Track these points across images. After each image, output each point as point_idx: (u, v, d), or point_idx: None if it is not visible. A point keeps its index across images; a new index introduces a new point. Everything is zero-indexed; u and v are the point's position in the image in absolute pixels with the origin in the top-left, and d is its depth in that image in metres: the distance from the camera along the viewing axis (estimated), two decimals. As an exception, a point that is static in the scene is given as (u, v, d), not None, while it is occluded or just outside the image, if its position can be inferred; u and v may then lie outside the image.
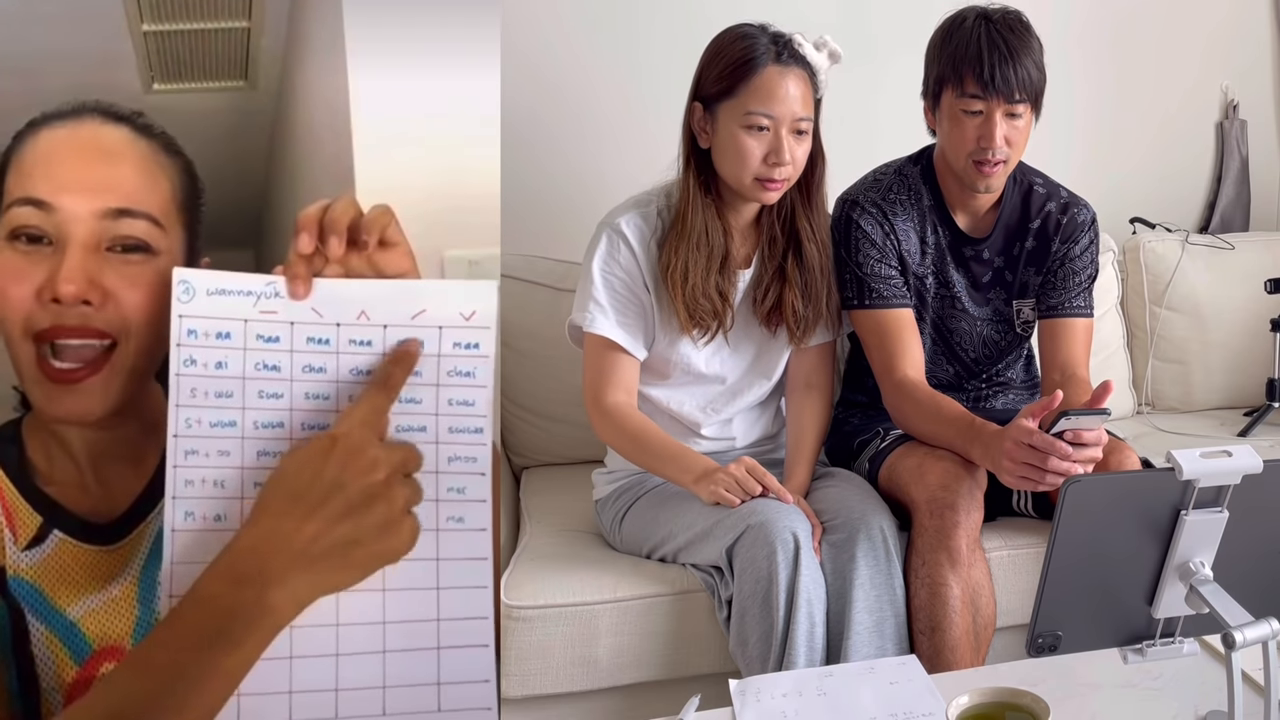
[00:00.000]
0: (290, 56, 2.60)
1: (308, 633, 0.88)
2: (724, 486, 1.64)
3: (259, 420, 0.90)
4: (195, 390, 0.89)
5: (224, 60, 2.72)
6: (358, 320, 0.91)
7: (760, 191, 1.69)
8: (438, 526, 0.91)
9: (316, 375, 0.91)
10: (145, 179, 0.99)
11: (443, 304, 0.92)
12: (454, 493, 0.92)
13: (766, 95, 1.66)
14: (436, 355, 0.92)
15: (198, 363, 0.89)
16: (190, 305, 0.90)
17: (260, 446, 0.90)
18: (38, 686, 0.96)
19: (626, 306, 1.75)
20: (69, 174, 0.96)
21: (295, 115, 2.64)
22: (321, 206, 0.89)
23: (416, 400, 0.92)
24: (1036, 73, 1.72)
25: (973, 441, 1.64)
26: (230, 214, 3.16)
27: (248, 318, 0.90)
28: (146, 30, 2.53)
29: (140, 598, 1.00)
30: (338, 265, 0.91)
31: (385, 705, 0.90)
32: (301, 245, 0.88)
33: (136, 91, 2.77)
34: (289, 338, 0.91)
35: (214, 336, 0.90)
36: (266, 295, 0.90)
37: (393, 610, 0.90)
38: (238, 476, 0.90)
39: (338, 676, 0.89)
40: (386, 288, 0.92)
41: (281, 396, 0.90)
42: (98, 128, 1.00)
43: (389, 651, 0.90)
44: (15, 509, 1.00)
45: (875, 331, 1.83)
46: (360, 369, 0.91)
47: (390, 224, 0.92)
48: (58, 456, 1.02)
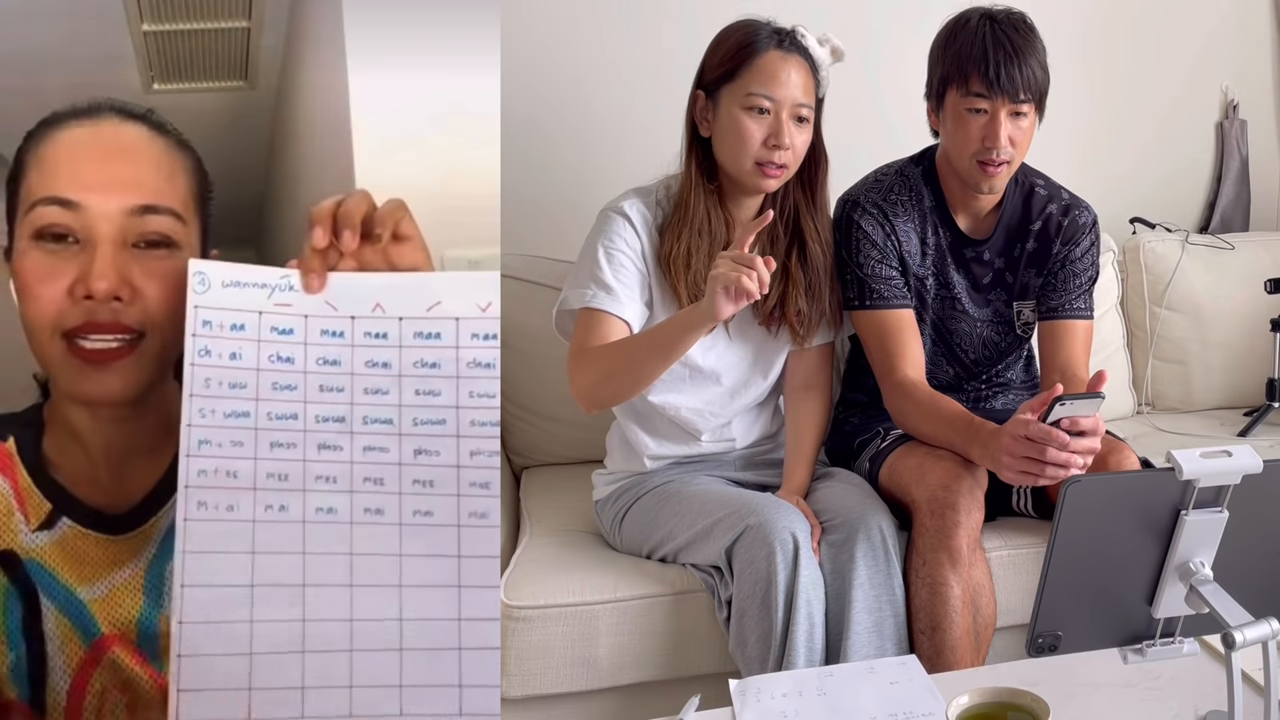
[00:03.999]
0: (290, 56, 2.60)
1: (322, 627, 0.88)
2: (722, 282, 1.47)
3: (273, 411, 0.91)
4: (210, 380, 0.90)
5: (224, 60, 2.73)
6: (372, 313, 0.92)
7: (759, 178, 1.69)
8: (459, 522, 0.91)
9: (331, 368, 0.92)
10: (165, 175, 1.01)
11: (457, 295, 0.92)
12: (477, 488, 0.92)
13: (768, 77, 1.66)
14: (455, 347, 0.92)
15: (212, 353, 0.90)
16: (205, 296, 0.91)
17: (273, 438, 0.91)
18: (45, 667, 0.97)
19: (629, 279, 1.71)
20: (94, 173, 0.97)
21: (295, 115, 2.64)
22: (336, 201, 0.91)
23: (436, 393, 0.92)
24: (1041, 73, 1.72)
25: (972, 440, 1.64)
26: (230, 213, 3.16)
27: (262, 310, 0.91)
28: (146, 30, 2.53)
29: (146, 588, 1.01)
30: (352, 259, 0.92)
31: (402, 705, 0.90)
32: (316, 239, 0.90)
33: (137, 91, 2.77)
34: (303, 330, 0.91)
35: (229, 328, 0.91)
36: (281, 288, 0.91)
37: (410, 608, 0.90)
38: (251, 467, 0.90)
39: (352, 673, 0.89)
40: (401, 280, 0.92)
41: (295, 388, 0.91)
42: (117, 126, 1.01)
43: (406, 649, 0.90)
44: (28, 493, 1.01)
45: (875, 332, 1.83)
46: (375, 361, 0.92)
47: (404, 218, 0.93)
48: (69, 448, 1.04)
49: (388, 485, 0.92)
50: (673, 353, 1.59)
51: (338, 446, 0.92)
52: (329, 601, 0.86)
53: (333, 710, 0.88)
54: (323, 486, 0.91)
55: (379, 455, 0.92)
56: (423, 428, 0.91)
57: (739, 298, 1.48)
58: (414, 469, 0.92)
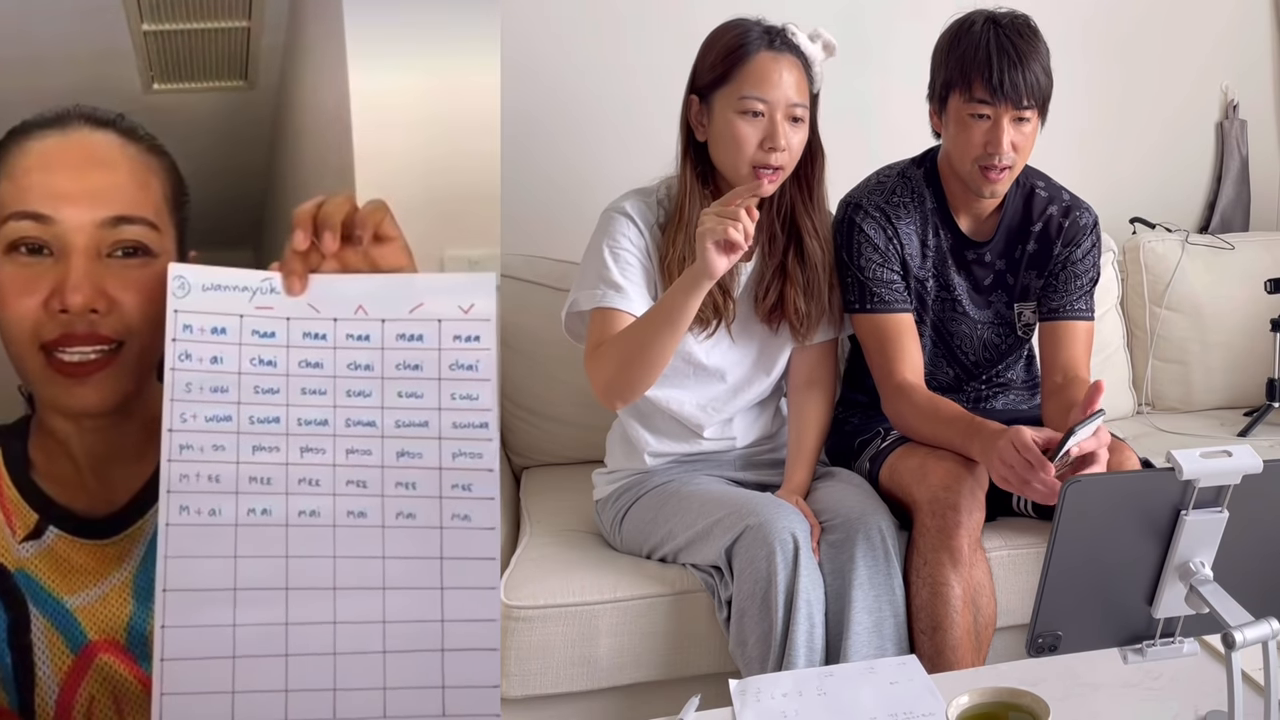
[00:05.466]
0: (290, 56, 2.60)
1: (305, 630, 0.88)
2: (710, 237, 1.49)
3: (255, 415, 0.90)
4: (190, 385, 0.90)
5: (224, 60, 2.72)
6: (355, 315, 0.91)
7: (755, 180, 1.69)
8: (441, 524, 0.91)
9: (313, 370, 0.91)
10: (138, 183, 1.00)
11: (441, 297, 0.92)
12: (459, 489, 0.91)
13: (760, 79, 1.66)
14: (437, 349, 0.91)
15: (193, 357, 0.90)
16: (186, 300, 0.90)
17: (256, 441, 0.90)
18: (33, 676, 0.97)
19: (637, 276, 1.72)
20: (66, 184, 0.96)
21: (295, 115, 2.64)
22: (316, 203, 0.90)
23: (418, 395, 0.91)
24: (1045, 78, 1.71)
25: (972, 438, 1.64)
26: (230, 213, 3.15)
27: (243, 313, 0.90)
28: (146, 30, 2.53)
29: (136, 590, 1.01)
30: (334, 261, 0.91)
31: (386, 706, 0.89)
32: (297, 241, 0.89)
33: (136, 91, 2.77)
34: (285, 333, 0.91)
35: (209, 331, 0.90)
36: (263, 291, 0.91)
37: (394, 609, 0.90)
38: (233, 471, 0.90)
39: (336, 676, 0.89)
40: (383, 282, 0.92)
41: (278, 392, 0.91)
42: (87, 135, 1.00)
43: (390, 652, 0.90)
44: (14, 505, 1.01)
45: (875, 335, 1.83)
46: (357, 364, 0.91)
47: (385, 219, 0.92)
48: (57, 456, 1.03)
49: (370, 488, 0.91)
50: (679, 322, 1.59)
51: (320, 449, 0.91)
52: (312, 605, 0.85)
53: (317, 713, 0.88)
54: (305, 489, 0.91)
55: (361, 458, 0.92)
56: (405, 430, 0.91)
57: (729, 250, 1.50)
58: (396, 471, 0.91)
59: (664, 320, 1.59)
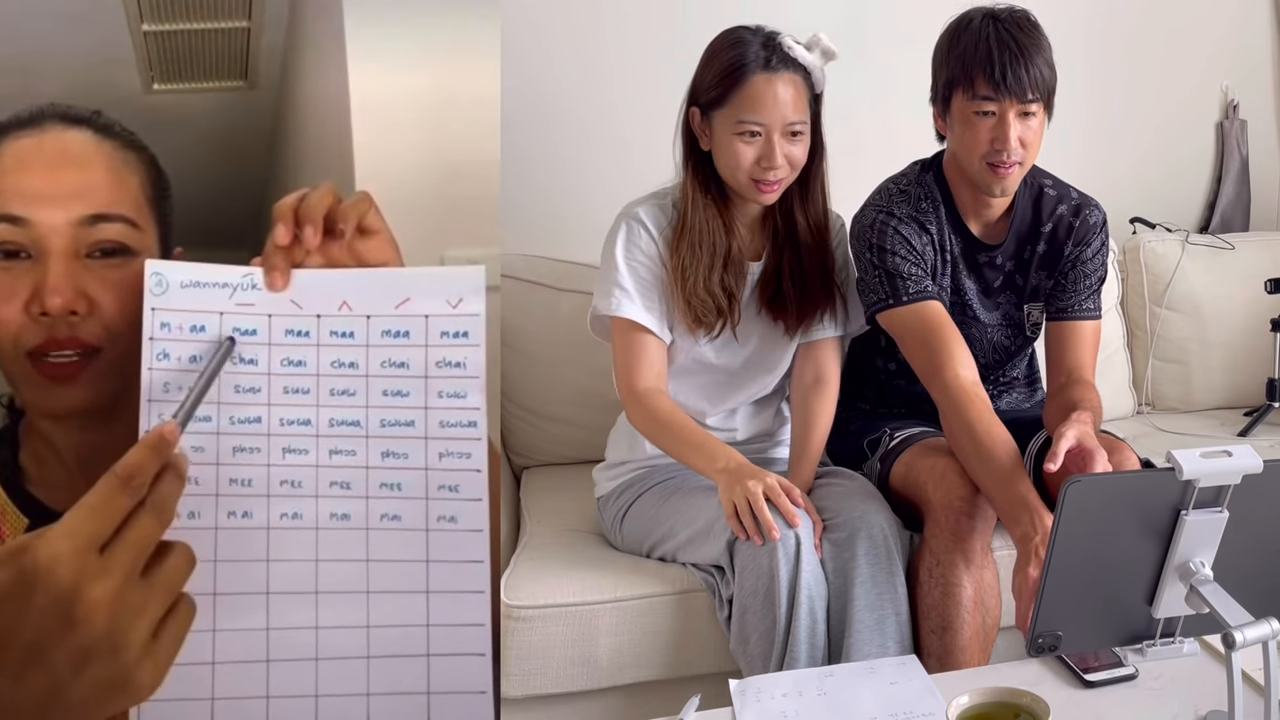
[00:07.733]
0: (290, 56, 2.60)
1: (286, 635, 0.85)
2: (746, 497, 1.57)
3: (235, 415, 0.87)
4: (169, 385, 0.86)
5: (224, 60, 2.72)
6: (339, 311, 0.88)
7: (755, 193, 1.70)
8: (427, 526, 0.88)
9: (295, 369, 0.88)
10: (115, 181, 0.98)
11: (427, 292, 0.89)
12: (446, 490, 0.89)
13: (755, 104, 1.66)
14: (424, 346, 0.89)
15: (171, 357, 0.87)
16: (163, 298, 0.87)
17: (236, 442, 0.87)
18: None
19: (650, 290, 1.75)
20: (40, 185, 0.94)
21: (295, 115, 2.64)
22: (298, 196, 0.87)
23: (404, 393, 0.88)
24: (1048, 71, 1.69)
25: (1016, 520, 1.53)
26: (229, 213, 3.15)
27: (223, 310, 0.87)
28: (146, 30, 2.53)
29: None
30: (317, 255, 0.88)
31: (370, 713, 0.87)
32: (278, 236, 0.86)
33: (136, 91, 2.77)
34: (266, 330, 0.88)
35: (188, 330, 0.87)
36: (243, 287, 0.87)
37: (378, 614, 0.87)
38: (213, 473, 0.87)
39: (318, 682, 0.87)
40: (368, 277, 0.89)
41: (259, 391, 0.88)
42: (61, 134, 0.98)
43: (374, 657, 0.87)
44: (4, 510, 1.00)
45: (916, 328, 1.75)
46: (341, 362, 0.88)
47: (368, 211, 0.89)
48: (48, 460, 1.02)
49: (354, 489, 0.89)
50: (696, 468, 1.72)
51: (303, 450, 0.88)
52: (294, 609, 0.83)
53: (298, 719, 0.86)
54: (287, 491, 0.88)
55: (346, 459, 0.89)
56: (390, 429, 0.88)
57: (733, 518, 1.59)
58: (381, 472, 0.89)
59: (687, 458, 1.71)
